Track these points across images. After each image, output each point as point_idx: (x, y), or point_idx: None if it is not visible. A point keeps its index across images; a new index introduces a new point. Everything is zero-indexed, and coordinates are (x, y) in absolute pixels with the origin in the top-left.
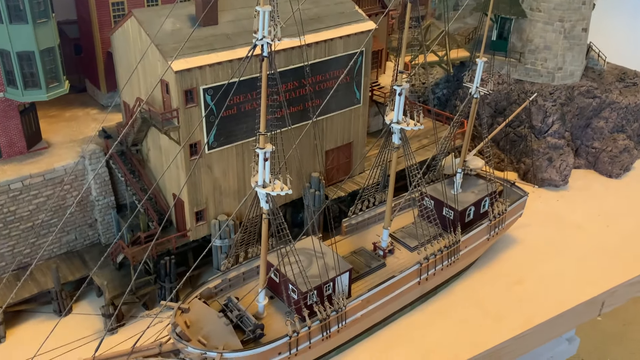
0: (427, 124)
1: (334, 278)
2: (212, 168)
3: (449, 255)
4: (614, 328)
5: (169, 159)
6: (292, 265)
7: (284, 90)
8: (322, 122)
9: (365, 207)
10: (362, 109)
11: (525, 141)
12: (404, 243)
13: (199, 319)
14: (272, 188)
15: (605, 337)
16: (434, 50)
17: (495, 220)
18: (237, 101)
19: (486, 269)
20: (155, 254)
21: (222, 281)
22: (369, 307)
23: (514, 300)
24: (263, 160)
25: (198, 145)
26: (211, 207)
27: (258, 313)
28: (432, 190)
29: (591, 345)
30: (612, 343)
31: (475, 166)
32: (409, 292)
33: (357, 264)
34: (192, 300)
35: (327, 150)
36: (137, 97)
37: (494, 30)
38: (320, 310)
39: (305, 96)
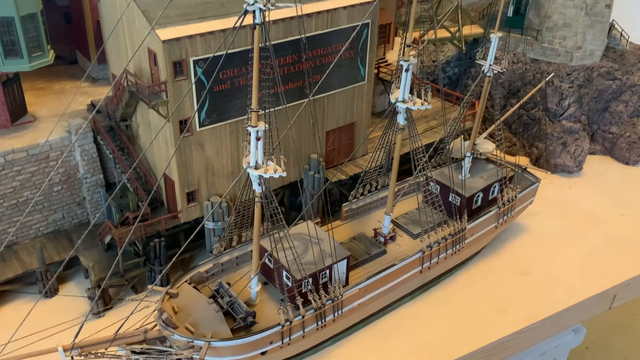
0: (435, 104)
1: (331, 265)
2: (204, 147)
3: (453, 244)
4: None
5: (159, 136)
6: (286, 251)
7: (281, 64)
8: (323, 100)
9: (366, 192)
10: (367, 86)
11: (539, 124)
12: (406, 230)
13: (188, 304)
14: (265, 170)
15: (611, 327)
16: (446, 25)
17: (504, 207)
18: (231, 75)
19: (492, 258)
20: (144, 235)
21: (214, 265)
22: (367, 296)
23: (520, 291)
24: (255, 139)
25: (188, 122)
26: (203, 188)
27: (250, 300)
28: (439, 175)
29: (597, 335)
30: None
31: (485, 150)
32: (409, 281)
33: (356, 251)
34: (182, 284)
35: (328, 130)
36: (124, 69)
37: (510, 5)
38: (314, 299)
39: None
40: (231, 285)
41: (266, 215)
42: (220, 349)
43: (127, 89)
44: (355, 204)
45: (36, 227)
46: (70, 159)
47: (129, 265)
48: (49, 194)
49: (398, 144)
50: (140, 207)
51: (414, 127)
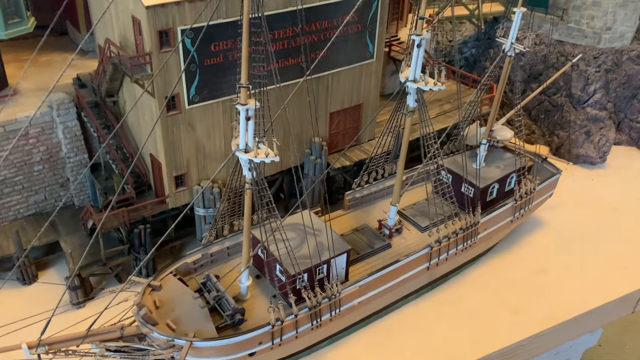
0: (450, 87)
1: (329, 260)
2: (194, 126)
3: (465, 239)
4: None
5: (145, 114)
6: (280, 242)
7: (280, 37)
8: (327, 79)
9: (372, 179)
10: (375, 65)
11: (561, 111)
12: (414, 222)
13: (172, 298)
14: (256, 154)
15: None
16: (464, 2)
17: (522, 200)
18: (224, 48)
19: (506, 254)
20: (128, 221)
21: (203, 256)
22: (367, 293)
23: (536, 291)
24: (245, 119)
25: (177, 99)
26: (193, 172)
27: (240, 295)
28: (451, 163)
29: (610, 332)
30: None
31: (503, 137)
32: (415, 278)
33: (358, 244)
34: (166, 276)
35: (332, 112)
36: (106, 39)
37: None
38: (309, 296)
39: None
40: (220, 278)
41: (257, 204)
42: (203, 350)
43: (110, 60)
44: (359, 192)
45: (15, 209)
46: (52, 136)
47: (112, 252)
48: (29, 174)
49: (407, 128)
50: (127, 191)
51: (425, 110)
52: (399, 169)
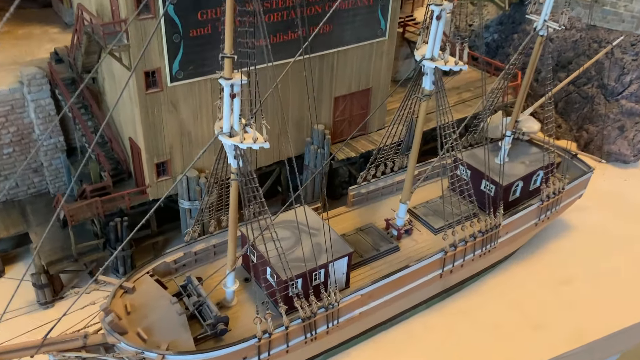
0: (469, 74)
1: (327, 264)
2: (178, 107)
3: (483, 243)
4: None
5: (123, 92)
6: (272, 243)
7: (278, 7)
8: (332, 58)
9: (380, 173)
10: (388, 44)
11: (592, 104)
12: (426, 222)
13: (146, 303)
14: (242, 138)
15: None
16: None
17: (549, 201)
18: (212, 17)
19: (528, 261)
20: (103, 212)
21: (185, 255)
22: (370, 303)
23: (561, 304)
24: (229, 96)
25: (157, 74)
26: (177, 159)
27: (225, 301)
28: (470, 157)
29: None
30: None
31: (529, 129)
32: (426, 286)
33: (362, 245)
34: (141, 277)
35: (337, 96)
36: (78, 4)
37: None
38: (302, 305)
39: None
40: (202, 281)
41: (243, 198)
42: None
43: (83, 29)
44: (365, 187)
45: None
46: (22, 115)
47: (85, 247)
48: None
49: (422, 115)
50: (103, 179)
51: (444, 94)
52: (411, 161)
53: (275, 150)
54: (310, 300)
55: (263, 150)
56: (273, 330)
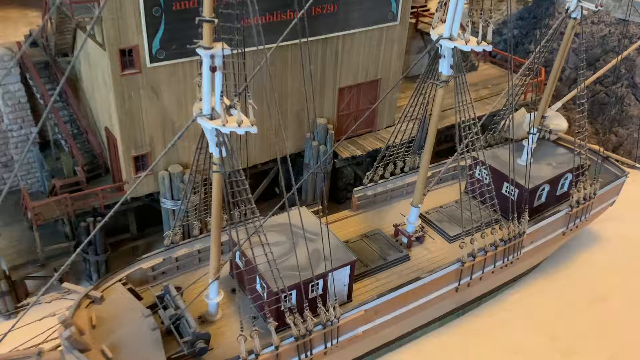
0: (487, 70)
1: (325, 273)
2: (159, 92)
3: (506, 253)
4: None
5: (98, 75)
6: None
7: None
8: (336, 43)
9: (389, 174)
10: (399, 30)
11: (622, 104)
12: (440, 229)
13: (115, 315)
14: (225, 121)
15: None
16: None
17: (578, 207)
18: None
19: (554, 275)
20: (73, 211)
21: (165, 261)
22: (376, 320)
23: (594, 325)
24: (209, 70)
25: (134, 53)
26: (159, 152)
27: (208, 314)
28: (490, 157)
29: None
30: None
31: (557, 127)
32: (440, 301)
33: (367, 254)
34: (113, 285)
35: (341, 87)
36: None
37: None
38: (296, 322)
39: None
40: (182, 290)
41: (226, 194)
42: None
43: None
44: (372, 189)
45: None
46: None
47: (54, 251)
48: None
49: (437, 104)
50: (76, 174)
51: (464, 80)
52: (424, 159)
53: (271, 146)
54: (306, 316)
55: (258, 146)
56: (260, 350)
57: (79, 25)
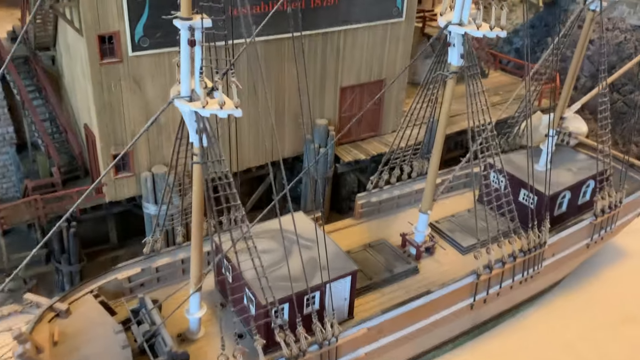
0: (498, 78)
1: (323, 285)
2: (142, 85)
3: (526, 266)
4: None
5: (76, 65)
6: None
7: None
8: (337, 39)
9: (395, 179)
10: (405, 27)
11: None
12: (452, 240)
13: (81, 331)
14: (204, 103)
15: None
16: None
17: (603, 217)
18: None
19: (578, 292)
20: (45, 215)
21: (144, 271)
22: (381, 340)
23: (625, 348)
24: (187, 44)
25: (115, 40)
26: (142, 152)
27: (189, 332)
28: (505, 162)
29: None
30: None
31: (577, 130)
32: (453, 320)
33: (371, 265)
34: (83, 297)
35: (343, 86)
36: None
37: None
38: (287, 340)
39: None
40: (159, 303)
41: (206, 189)
42: None
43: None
44: (377, 195)
45: None
46: None
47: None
48: None
49: (447, 97)
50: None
51: (477, 71)
52: (433, 161)
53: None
54: (299, 333)
55: (252, 148)
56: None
57: (53, 7)
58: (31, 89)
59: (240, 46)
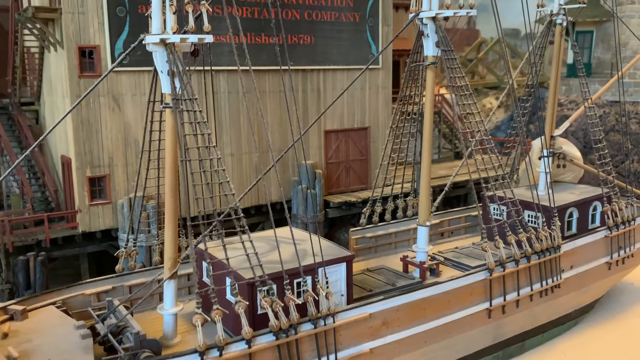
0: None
1: (314, 266)
2: (122, 104)
3: (542, 272)
4: None
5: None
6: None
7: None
8: (317, 78)
9: (389, 215)
10: (383, 75)
11: (638, 179)
12: (458, 264)
13: (37, 329)
14: (174, 29)
15: None
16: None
17: (618, 231)
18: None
19: (613, 321)
20: (10, 244)
21: (115, 289)
22: (387, 336)
23: None
24: None
25: (95, 55)
26: (120, 177)
27: (164, 336)
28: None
29: None
30: None
31: (571, 154)
32: (471, 325)
33: (370, 283)
34: (45, 307)
35: (327, 130)
36: None
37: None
38: (275, 307)
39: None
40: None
41: (180, 147)
42: None
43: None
44: (372, 231)
45: None
46: None
47: None
48: None
49: (429, 85)
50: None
51: (454, 57)
52: (425, 162)
53: (252, 190)
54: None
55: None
56: (223, 342)
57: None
58: (12, 140)
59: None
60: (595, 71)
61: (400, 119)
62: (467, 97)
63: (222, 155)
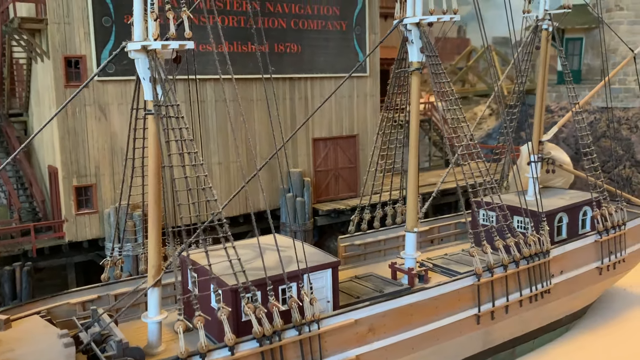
0: None
1: (299, 273)
2: (108, 113)
3: (532, 278)
4: None
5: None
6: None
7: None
8: (304, 86)
9: (378, 223)
10: (371, 84)
11: (630, 185)
12: (447, 270)
13: (21, 337)
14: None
15: None
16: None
17: (608, 236)
18: None
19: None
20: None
21: (101, 299)
22: (374, 343)
23: None
24: None
25: (81, 64)
26: (106, 186)
27: (150, 345)
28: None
29: None
30: None
31: (560, 159)
32: (460, 331)
33: (358, 290)
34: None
35: (315, 137)
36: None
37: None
38: (258, 314)
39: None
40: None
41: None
42: None
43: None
44: (361, 239)
45: None
46: None
47: None
48: None
49: (414, 91)
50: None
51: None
52: (412, 164)
53: (240, 197)
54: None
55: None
56: (206, 349)
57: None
58: (0, 151)
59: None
60: (585, 78)
61: (387, 125)
62: (452, 103)
63: (209, 163)
